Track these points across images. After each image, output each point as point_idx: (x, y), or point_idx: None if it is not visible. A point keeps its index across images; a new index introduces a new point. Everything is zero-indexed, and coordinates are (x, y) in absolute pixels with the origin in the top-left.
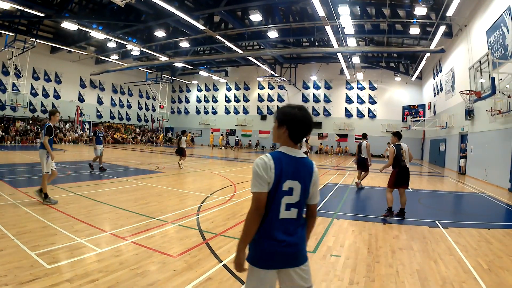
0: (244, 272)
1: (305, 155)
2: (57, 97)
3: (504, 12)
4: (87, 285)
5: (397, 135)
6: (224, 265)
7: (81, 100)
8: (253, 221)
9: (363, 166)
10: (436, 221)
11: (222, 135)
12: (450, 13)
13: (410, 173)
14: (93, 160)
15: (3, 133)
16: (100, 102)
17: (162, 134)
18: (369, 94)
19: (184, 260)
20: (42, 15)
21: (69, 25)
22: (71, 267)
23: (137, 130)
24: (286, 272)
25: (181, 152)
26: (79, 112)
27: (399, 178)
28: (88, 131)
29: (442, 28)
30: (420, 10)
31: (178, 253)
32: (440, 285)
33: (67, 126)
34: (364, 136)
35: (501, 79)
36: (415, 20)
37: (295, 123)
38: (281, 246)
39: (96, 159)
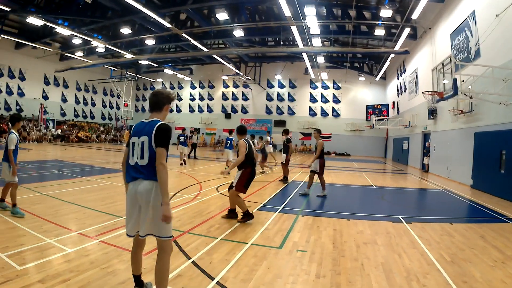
0: None
1: None
2: (21, 94)
3: (468, 16)
4: (59, 285)
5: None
6: (193, 262)
7: (45, 97)
8: None
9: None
10: (400, 217)
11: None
12: (415, 16)
13: (373, 170)
14: None
15: None
16: (64, 100)
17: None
18: (333, 94)
19: (153, 258)
20: (8, 9)
21: (34, 20)
22: (42, 268)
23: (101, 128)
24: None
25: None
26: (43, 110)
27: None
28: (53, 129)
29: (407, 30)
30: (386, 12)
31: (146, 251)
32: (404, 277)
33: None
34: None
35: (463, 81)
36: (380, 22)
37: None
38: None
39: None
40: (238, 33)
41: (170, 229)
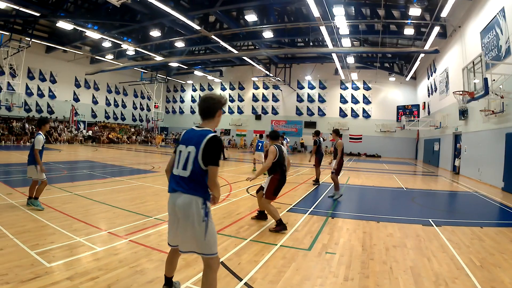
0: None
1: None
2: (52, 96)
3: (497, 13)
4: (87, 283)
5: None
6: (222, 263)
7: (76, 100)
8: None
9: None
10: (430, 220)
11: (160, 134)
12: (444, 14)
13: (404, 172)
14: None
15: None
16: (95, 102)
17: (161, 136)
18: (363, 94)
19: (182, 258)
20: (38, 14)
21: (64, 25)
22: (71, 265)
23: (132, 130)
24: None
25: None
26: (74, 112)
27: None
28: (84, 131)
29: (437, 29)
30: (415, 11)
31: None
32: (433, 281)
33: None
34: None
35: (494, 80)
36: (409, 21)
37: None
38: None
39: None
40: (267, 34)
41: (215, 245)
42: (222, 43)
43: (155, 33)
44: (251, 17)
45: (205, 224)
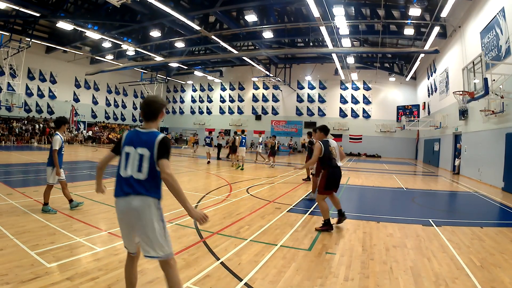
0: None
1: None
2: (52, 97)
3: (497, 13)
4: (87, 283)
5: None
6: (222, 263)
7: (76, 100)
8: None
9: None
10: (430, 220)
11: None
12: (444, 14)
13: (404, 172)
14: None
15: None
16: (95, 102)
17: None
18: (363, 94)
19: (182, 258)
20: (38, 14)
21: (64, 25)
22: (71, 266)
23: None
24: None
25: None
26: (74, 112)
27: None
28: (84, 131)
29: (436, 29)
30: (415, 11)
31: (176, 251)
32: (433, 281)
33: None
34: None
35: (494, 80)
36: (409, 21)
37: None
38: None
39: None
40: (267, 34)
41: (171, 245)
42: (222, 43)
43: (155, 34)
44: (251, 17)
45: (163, 224)
